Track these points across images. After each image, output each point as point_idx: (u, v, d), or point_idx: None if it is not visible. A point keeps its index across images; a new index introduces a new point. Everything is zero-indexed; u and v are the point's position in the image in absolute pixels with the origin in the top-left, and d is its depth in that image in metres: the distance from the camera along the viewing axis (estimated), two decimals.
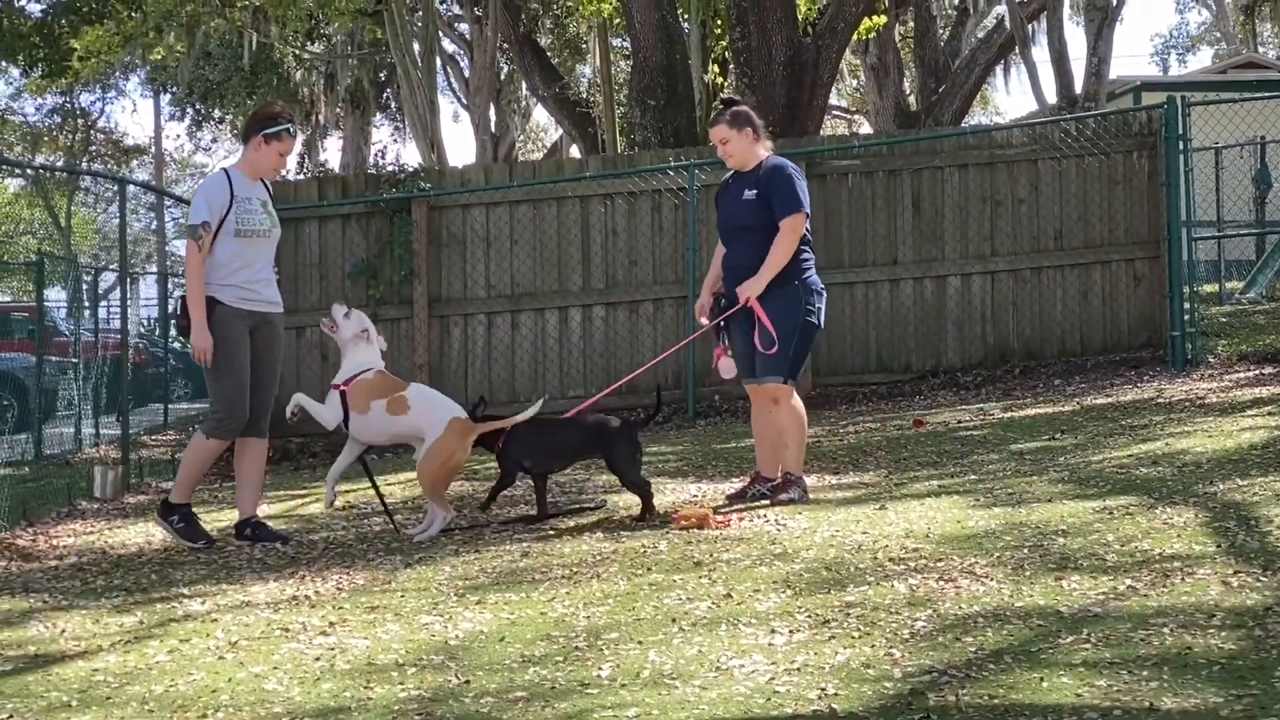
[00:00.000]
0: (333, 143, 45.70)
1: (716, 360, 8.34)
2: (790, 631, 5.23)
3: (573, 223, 14.69)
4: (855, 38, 22.45)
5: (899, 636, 5.07)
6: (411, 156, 47.55)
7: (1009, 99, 74.78)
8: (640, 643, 5.23)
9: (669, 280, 14.49)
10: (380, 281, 14.60)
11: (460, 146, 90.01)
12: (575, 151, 32.72)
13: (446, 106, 51.42)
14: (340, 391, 8.24)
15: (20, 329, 26.37)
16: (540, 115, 46.52)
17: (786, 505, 7.99)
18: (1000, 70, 33.91)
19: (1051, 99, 25.97)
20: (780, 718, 4.33)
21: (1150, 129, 14.41)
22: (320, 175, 32.72)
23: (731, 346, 8.30)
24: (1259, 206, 21.29)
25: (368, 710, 4.69)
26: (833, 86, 22.58)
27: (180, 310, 8.33)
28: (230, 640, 5.74)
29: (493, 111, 33.82)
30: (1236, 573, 5.56)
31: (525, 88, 34.87)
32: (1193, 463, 8.12)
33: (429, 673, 5.07)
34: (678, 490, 9.01)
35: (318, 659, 5.35)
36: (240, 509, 8.50)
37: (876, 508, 7.65)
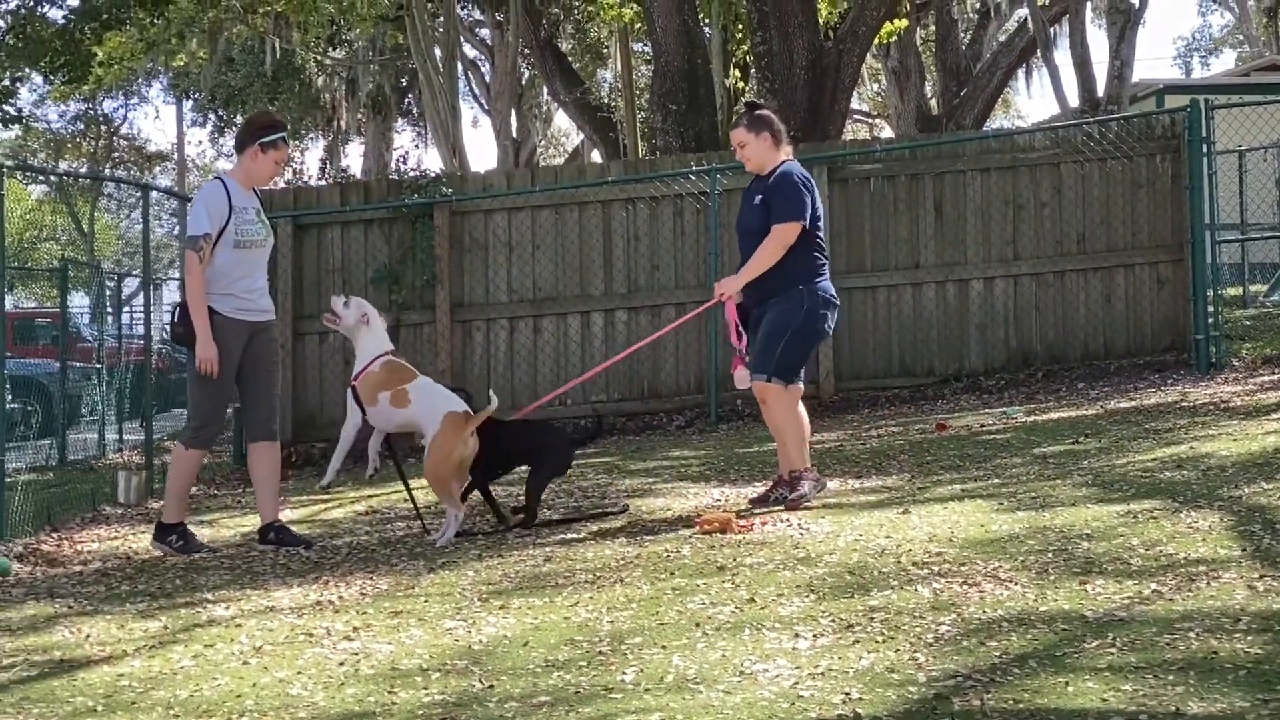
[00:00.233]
0: (354, 148, 45.95)
1: (734, 369, 8.35)
2: (814, 636, 5.22)
3: (594, 227, 14.70)
4: (877, 41, 22.48)
5: (923, 641, 5.06)
6: (433, 162, 47.62)
7: (1031, 102, 74.83)
8: (664, 647, 5.23)
9: (691, 285, 14.48)
10: (403, 287, 14.62)
11: (481, 152, 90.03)
12: (596, 156, 32.75)
13: (467, 112, 51.68)
14: (352, 388, 8.39)
15: (44, 335, 26.51)
16: (561, 120, 46.67)
17: (801, 503, 7.99)
18: (1022, 74, 33.82)
19: (1074, 102, 25.89)
20: None
21: (1173, 132, 14.37)
22: (342, 181, 32.82)
23: (749, 354, 8.31)
24: None
25: (392, 715, 4.69)
26: (854, 90, 22.58)
27: (178, 318, 8.36)
28: (254, 645, 5.75)
29: (514, 117, 33.93)
30: (1262, 576, 5.54)
31: (546, 93, 34.96)
32: (1217, 466, 8.09)
33: (453, 677, 5.07)
34: (700, 495, 9.00)
35: (342, 664, 5.36)
36: (262, 514, 8.55)
37: (900, 512, 7.64)
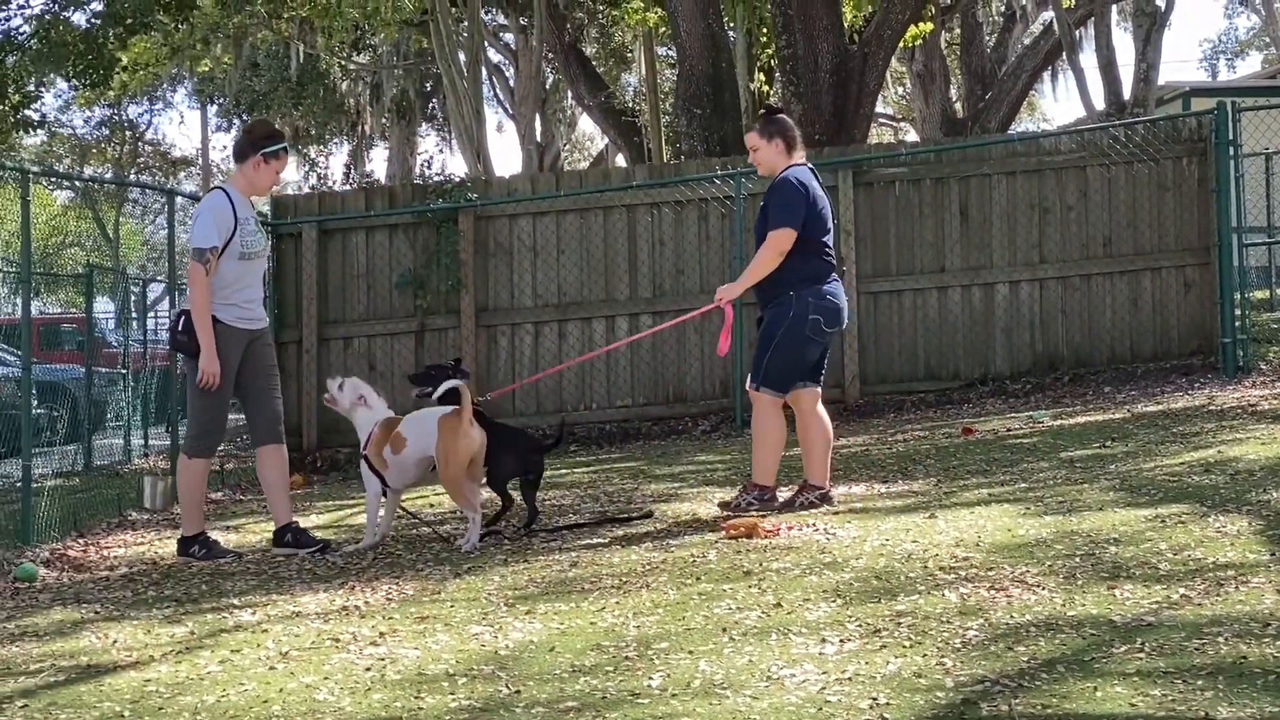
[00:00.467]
0: (379, 153, 46.07)
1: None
2: (841, 641, 5.21)
3: (619, 232, 14.71)
4: (901, 45, 22.43)
5: (950, 646, 5.04)
6: (457, 166, 47.75)
7: (1056, 105, 74.61)
8: (690, 652, 5.22)
9: (716, 289, 14.43)
10: (427, 291, 14.65)
11: (506, 156, 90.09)
12: (621, 161, 32.79)
13: (492, 116, 51.55)
14: (364, 458, 8.44)
15: (70, 340, 26.60)
16: (586, 124, 46.77)
17: (744, 513, 8.02)
18: (1047, 77, 33.76)
19: (1100, 105, 25.82)
20: None
21: (1200, 135, 14.32)
22: (367, 186, 32.96)
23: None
24: None
25: None
26: (879, 94, 22.52)
27: (181, 327, 8.36)
28: (281, 650, 5.76)
29: (538, 121, 33.93)
30: None
31: (571, 97, 34.96)
32: (1245, 470, 8.05)
33: (479, 683, 5.07)
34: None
35: (368, 669, 5.36)
36: (276, 517, 8.58)
37: (926, 516, 7.62)
